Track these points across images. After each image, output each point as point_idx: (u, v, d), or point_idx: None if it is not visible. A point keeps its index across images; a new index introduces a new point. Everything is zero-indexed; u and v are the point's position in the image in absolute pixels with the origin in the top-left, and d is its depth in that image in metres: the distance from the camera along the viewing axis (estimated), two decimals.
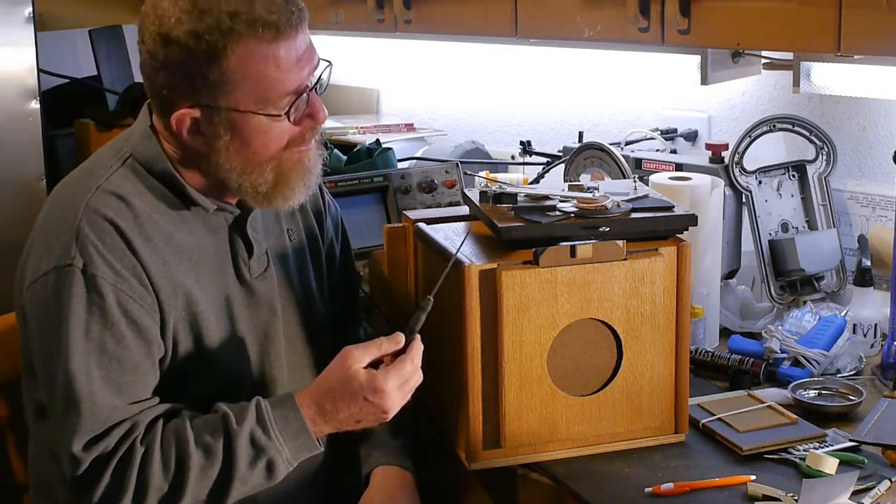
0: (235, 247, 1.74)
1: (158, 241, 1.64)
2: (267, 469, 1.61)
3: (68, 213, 1.63)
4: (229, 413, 1.61)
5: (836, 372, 2.08)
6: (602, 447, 1.80)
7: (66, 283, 1.58)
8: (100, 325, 1.58)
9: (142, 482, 1.56)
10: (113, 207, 1.63)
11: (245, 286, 1.74)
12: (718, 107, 2.66)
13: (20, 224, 2.70)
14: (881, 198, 2.36)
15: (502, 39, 2.59)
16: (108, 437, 1.57)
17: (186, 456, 1.57)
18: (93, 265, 1.58)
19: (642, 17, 2.13)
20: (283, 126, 1.63)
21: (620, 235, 1.77)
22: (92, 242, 1.59)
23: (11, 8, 2.68)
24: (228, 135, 1.63)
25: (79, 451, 1.56)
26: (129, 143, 1.71)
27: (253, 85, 1.60)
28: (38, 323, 1.63)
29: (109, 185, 1.65)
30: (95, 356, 1.58)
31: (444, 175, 2.52)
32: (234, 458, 1.59)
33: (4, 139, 2.69)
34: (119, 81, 3.23)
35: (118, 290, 1.59)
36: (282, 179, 1.67)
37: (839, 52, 1.89)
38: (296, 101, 1.62)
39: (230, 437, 1.59)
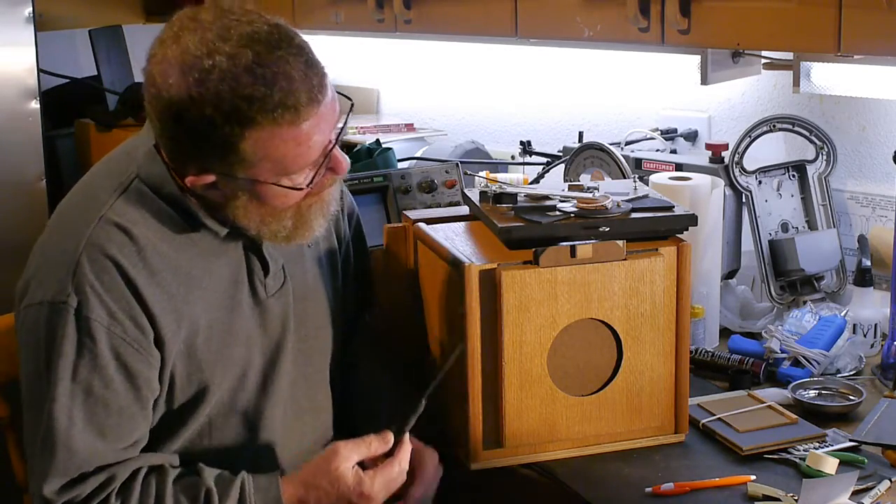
0: (251, 265, 1.69)
1: (165, 273, 1.59)
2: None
3: (69, 244, 1.57)
4: (213, 489, 1.58)
5: (836, 372, 2.08)
6: (602, 447, 1.80)
7: (58, 321, 1.54)
8: (88, 368, 1.54)
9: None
10: (116, 242, 1.56)
11: (259, 305, 1.69)
12: (718, 107, 2.66)
13: (20, 224, 2.72)
14: (881, 198, 2.36)
15: (502, 39, 2.59)
16: (84, 484, 1.53)
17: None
18: (87, 307, 1.53)
19: (642, 17, 2.13)
20: (297, 190, 1.58)
21: (620, 235, 1.77)
22: (89, 282, 1.54)
23: (11, 8, 2.68)
24: (246, 196, 1.57)
25: (50, 494, 1.52)
26: (135, 163, 1.63)
27: (272, 163, 1.53)
28: (27, 351, 1.59)
29: (113, 214, 1.58)
30: (81, 398, 1.53)
31: (444, 175, 2.52)
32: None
33: (4, 139, 2.69)
34: (119, 81, 3.23)
35: (111, 334, 1.55)
36: (301, 223, 1.63)
37: (839, 52, 1.89)
38: (319, 168, 1.57)
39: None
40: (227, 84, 1.47)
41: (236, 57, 1.48)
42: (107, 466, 1.55)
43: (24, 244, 2.72)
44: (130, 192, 1.61)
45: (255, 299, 1.69)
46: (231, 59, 1.48)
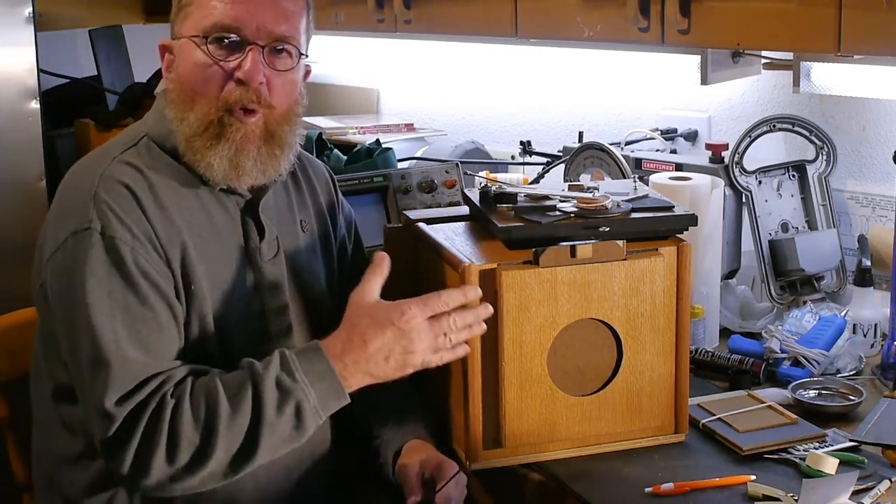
0: (247, 229, 1.74)
1: (173, 211, 1.66)
2: (296, 416, 1.58)
3: (84, 183, 1.65)
4: (254, 362, 1.61)
5: (836, 372, 2.08)
6: (602, 447, 1.80)
7: (85, 245, 1.59)
8: (122, 286, 1.58)
9: (173, 435, 1.54)
10: (129, 175, 1.65)
11: (255, 269, 1.74)
12: (718, 107, 2.66)
13: (20, 224, 2.71)
14: (881, 198, 2.36)
15: (502, 39, 2.59)
16: (140, 391, 1.55)
17: (215, 406, 1.56)
18: (111, 227, 1.60)
19: (642, 17, 2.13)
20: (209, 63, 1.65)
21: (620, 235, 1.77)
22: (109, 206, 1.61)
23: (11, 8, 2.68)
24: (177, 62, 1.69)
25: (111, 406, 1.54)
26: (144, 125, 1.74)
27: (195, 8, 1.67)
28: (60, 292, 1.62)
29: (125, 157, 1.68)
30: (120, 316, 1.57)
31: (444, 175, 2.52)
32: (262, 403, 1.56)
33: (4, 139, 2.69)
34: (119, 81, 3.23)
35: (136, 253, 1.60)
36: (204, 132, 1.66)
37: (839, 52, 1.89)
38: (220, 35, 1.65)
39: (256, 383, 1.57)
40: None
41: None
42: (157, 375, 1.58)
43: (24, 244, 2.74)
44: (139, 146, 1.71)
45: (251, 264, 1.74)
46: None
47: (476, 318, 1.67)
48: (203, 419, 1.55)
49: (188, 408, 1.56)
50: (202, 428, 1.55)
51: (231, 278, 1.71)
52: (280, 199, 1.81)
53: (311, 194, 1.88)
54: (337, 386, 1.60)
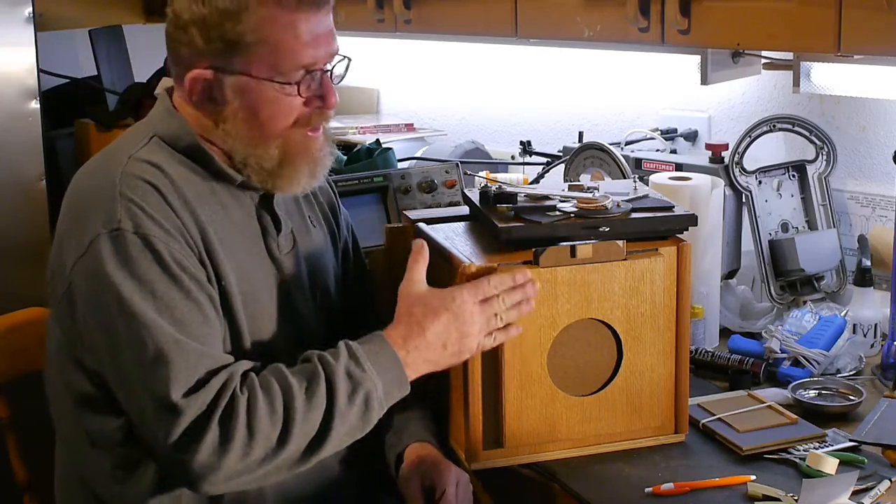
0: (264, 223, 1.74)
1: (196, 206, 1.64)
2: (364, 405, 1.59)
3: (104, 183, 1.61)
4: (323, 354, 1.60)
5: (836, 372, 2.08)
6: (602, 447, 1.80)
7: (119, 247, 1.55)
8: (165, 283, 1.56)
9: (251, 429, 1.52)
10: (149, 172, 1.62)
11: (275, 262, 1.74)
12: (718, 107, 2.66)
13: (20, 224, 2.72)
14: (881, 198, 2.36)
15: (502, 39, 2.59)
16: (207, 386, 1.52)
17: (291, 398, 1.55)
18: (143, 226, 1.57)
19: (642, 17, 2.13)
20: (293, 101, 1.64)
21: (620, 235, 1.77)
22: (137, 204, 1.58)
23: (11, 8, 2.68)
24: (237, 101, 1.64)
25: (179, 399, 1.50)
26: (150, 125, 1.71)
27: (269, 51, 1.62)
28: (95, 297, 1.58)
29: (141, 155, 1.65)
30: (168, 312, 1.54)
31: (444, 175, 2.52)
32: (335, 394, 1.57)
33: (4, 139, 2.69)
34: (119, 81, 3.23)
35: (171, 248, 1.58)
36: (287, 160, 1.67)
37: (839, 52, 1.89)
38: (307, 76, 1.64)
39: (329, 374, 1.57)
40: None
41: None
42: (220, 369, 1.56)
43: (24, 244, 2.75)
44: (151, 144, 1.68)
45: (270, 256, 1.73)
46: None
47: (524, 296, 1.69)
48: (280, 412, 1.54)
49: (263, 401, 1.54)
50: (279, 421, 1.54)
51: (255, 272, 1.70)
52: (286, 196, 1.80)
53: (313, 193, 1.89)
54: (402, 376, 1.63)
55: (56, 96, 3.23)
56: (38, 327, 2.04)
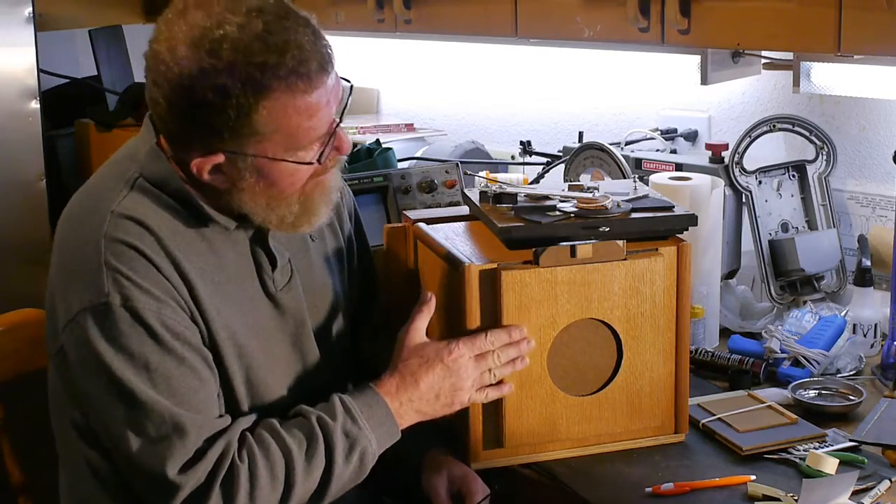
0: (259, 260, 1.68)
1: (184, 264, 1.58)
2: (360, 462, 1.60)
3: (88, 247, 1.55)
4: (321, 414, 1.60)
5: (836, 372, 2.08)
6: (602, 447, 1.80)
7: (107, 322, 1.51)
8: (157, 355, 1.52)
9: (252, 499, 1.53)
10: (133, 233, 1.55)
11: (271, 299, 1.69)
12: (718, 107, 2.66)
13: (20, 224, 2.72)
14: (881, 198, 2.36)
15: (502, 39, 2.59)
16: (205, 458, 1.51)
17: (291, 462, 1.55)
18: (131, 298, 1.52)
19: (642, 17, 2.13)
20: (301, 166, 1.59)
21: (620, 235, 1.77)
22: (123, 274, 1.52)
23: (11, 8, 2.68)
24: (254, 177, 1.57)
25: (175, 475, 1.50)
26: (136, 163, 1.62)
27: (284, 136, 1.54)
28: (84, 366, 1.55)
29: (123, 209, 1.57)
30: (163, 384, 1.52)
31: (444, 175, 2.52)
32: (333, 454, 1.57)
33: (4, 139, 2.69)
34: (119, 81, 3.22)
35: (163, 316, 1.53)
36: (306, 207, 1.63)
37: (839, 52, 1.89)
38: (327, 144, 1.58)
39: (328, 435, 1.58)
40: (239, 53, 1.48)
41: (246, 26, 1.49)
42: (216, 437, 1.55)
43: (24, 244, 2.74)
44: (136, 189, 1.60)
45: (266, 294, 1.69)
46: (241, 28, 1.49)
47: (519, 353, 1.72)
48: (281, 477, 1.55)
49: (263, 468, 1.54)
50: (281, 486, 1.55)
51: (251, 315, 1.66)
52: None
53: None
54: (394, 428, 1.64)
55: (56, 96, 3.23)
56: (32, 328, 2.04)
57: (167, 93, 1.52)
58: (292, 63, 1.50)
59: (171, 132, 1.58)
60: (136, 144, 1.66)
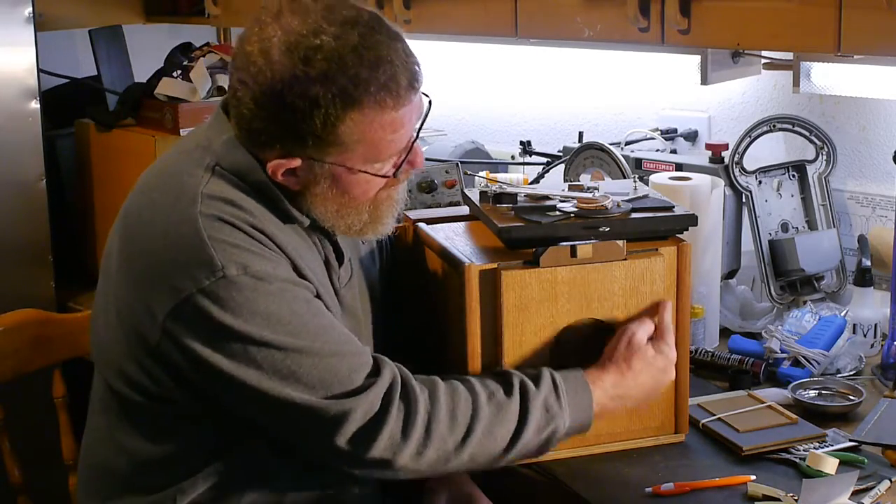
0: (328, 256, 1.69)
1: (277, 238, 1.58)
2: (547, 439, 1.60)
3: (184, 228, 1.53)
4: (525, 379, 1.60)
5: (836, 372, 2.08)
6: (602, 447, 1.80)
7: (230, 293, 1.49)
8: (286, 309, 1.51)
9: (428, 432, 1.52)
10: (228, 212, 1.55)
11: (337, 295, 1.70)
12: (718, 107, 2.66)
13: (20, 224, 2.72)
14: (881, 198, 2.36)
15: (502, 39, 2.59)
16: (376, 384, 1.51)
17: (477, 409, 1.54)
18: (248, 264, 1.51)
19: (642, 17, 2.13)
20: (380, 177, 1.61)
21: (620, 235, 1.76)
22: (231, 244, 1.52)
23: (11, 8, 2.68)
24: (328, 184, 1.59)
25: (345, 404, 1.48)
26: (210, 153, 1.61)
27: (366, 148, 1.56)
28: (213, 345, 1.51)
29: (210, 190, 1.56)
30: (303, 331, 1.52)
31: (444, 175, 2.52)
32: (527, 421, 1.57)
33: (4, 139, 2.69)
34: (119, 81, 3.22)
35: (279, 273, 1.54)
36: (375, 216, 1.65)
37: (839, 52, 1.89)
38: (404, 158, 1.60)
39: (527, 400, 1.57)
40: (333, 64, 1.49)
41: (342, 37, 1.51)
42: (381, 365, 1.54)
43: (24, 244, 2.74)
44: (216, 175, 1.59)
45: (333, 288, 1.70)
46: (337, 39, 1.50)
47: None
48: (461, 420, 1.54)
49: (444, 406, 1.53)
50: (461, 430, 1.54)
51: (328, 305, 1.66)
52: None
53: None
54: (588, 419, 1.65)
55: (56, 96, 3.23)
56: (31, 329, 2.05)
57: (256, 94, 1.52)
58: (384, 78, 1.51)
59: (252, 130, 1.57)
60: (206, 135, 1.65)
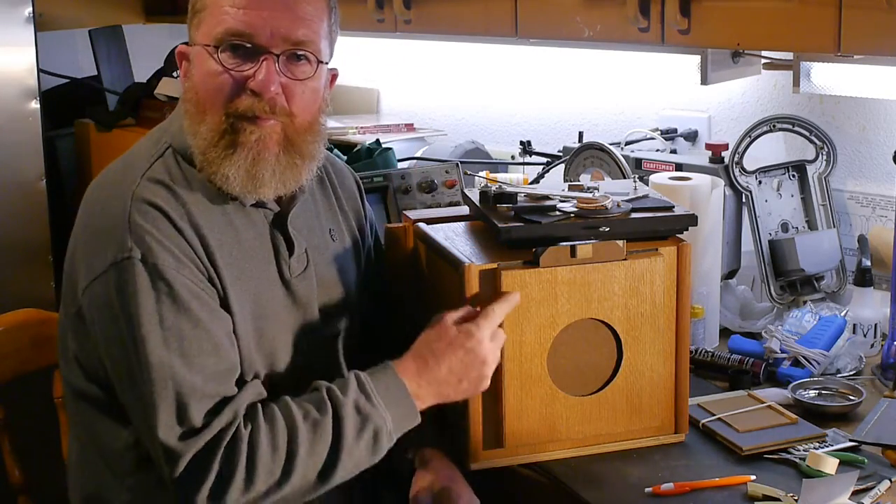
0: (276, 244, 1.71)
1: (205, 231, 1.62)
2: (373, 440, 1.59)
3: (115, 206, 1.60)
4: (332, 386, 1.60)
5: (836, 372, 2.08)
6: (602, 447, 1.80)
7: (128, 276, 1.54)
8: (173, 312, 1.54)
9: (251, 467, 1.52)
10: (160, 196, 1.60)
11: (285, 285, 1.71)
12: (718, 107, 2.66)
13: (20, 224, 2.72)
14: (881, 198, 2.36)
15: (502, 39, 2.59)
16: (208, 428, 1.52)
17: (294, 432, 1.55)
18: (152, 254, 1.55)
19: (642, 17, 2.13)
20: (218, 67, 1.60)
21: (620, 235, 1.77)
22: (147, 231, 1.56)
23: (11, 8, 2.68)
24: (192, 78, 1.64)
25: (175, 442, 1.51)
26: (168, 134, 1.69)
27: (208, 14, 1.61)
28: (104, 324, 1.58)
29: (152, 173, 1.63)
30: (175, 343, 1.53)
31: (444, 175, 2.52)
32: (342, 429, 1.57)
33: (4, 139, 2.69)
34: (119, 81, 3.23)
35: (182, 276, 1.56)
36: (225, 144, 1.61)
37: (839, 52, 1.89)
38: (232, 42, 1.60)
39: (337, 408, 1.57)
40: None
41: None
42: (224, 405, 1.55)
43: (24, 244, 2.75)
44: (166, 158, 1.66)
45: (282, 279, 1.71)
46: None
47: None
48: (282, 447, 1.54)
49: (265, 436, 1.54)
50: (282, 455, 1.54)
51: (265, 297, 1.68)
52: (308, 208, 1.78)
53: (338, 202, 1.87)
54: (412, 408, 1.63)
55: (56, 96, 3.23)
56: (32, 328, 2.05)
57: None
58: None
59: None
60: (170, 118, 1.71)
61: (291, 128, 1.64)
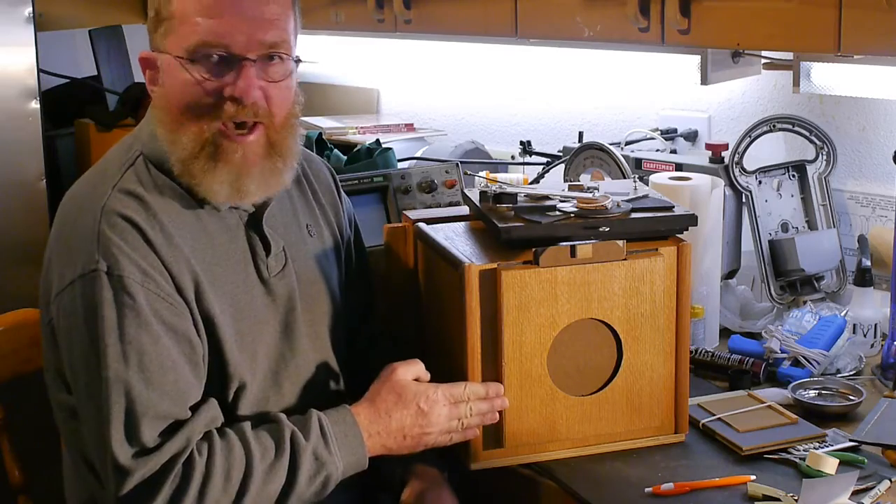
0: (253, 244, 1.71)
1: (178, 240, 1.61)
2: (322, 485, 1.61)
3: (86, 218, 1.60)
4: (295, 430, 1.61)
5: (836, 372, 2.08)
6: (602, 447, 1.80)
7: (93, 288, 1.54)
8: (134, 326, 1.54)
9: (202, 496, 1.52)
10: (131, 207, 1.60)
11: (264, 284, 1.71)
12: (718, 107, 2.66)
13: (20, 224, 2.72)
14: (881, 198, 2.36)
15: (502, 39, 2.59)
16: (162, 449, 1.52)
17: (249, 469, 1.55)
18: (118, 266, 1.55)
19: (642, 17, 2.13)
20: (193, 77, 1.60)
21: (620, 235, 1.77)
22: (115, 244, 1.56)
23: (11, 8, 2.68)
24: (163, 85, 1.64)
25: (127, 460, 1.51)
26: (139, 142, 1.69)
27: (178, 24, 1.59)
28: (69, 334, 1.58)
29: (124, 184, 1.62)
30: (135, 359, 1.53)
31: (444, 175, 2.52)
32: (297, 473, 1.58)
33: (4, 139, 2.69)
34: (119, 81, 3.22)
35: (147, 290, 1.56)
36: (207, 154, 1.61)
37: (839, 52, 1.89)
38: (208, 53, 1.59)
39: (296, 454, 1.59)
40: None
41: None
42: (178, 428, 1.55)
43: (24, 244, 2.74)
44: (137, 166, 1.66)
45: (260, 279, 1.71)
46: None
47: (491, 409, 1.73)
48: (236, 481, 1.55)
49: (220, 468, 1.54)
50: (233, 490, 1.55)
51: (244, 299, 1.68)
52: (284, 206, 1.78)
53: (314, 196, 1.86)
54: (363, 459, 1.65)
55: (56, 96, 3.23)
56: (31, 328, 2.04)
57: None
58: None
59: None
60: (140, 126, 1.72)
61: (272, 129, 1.65)
